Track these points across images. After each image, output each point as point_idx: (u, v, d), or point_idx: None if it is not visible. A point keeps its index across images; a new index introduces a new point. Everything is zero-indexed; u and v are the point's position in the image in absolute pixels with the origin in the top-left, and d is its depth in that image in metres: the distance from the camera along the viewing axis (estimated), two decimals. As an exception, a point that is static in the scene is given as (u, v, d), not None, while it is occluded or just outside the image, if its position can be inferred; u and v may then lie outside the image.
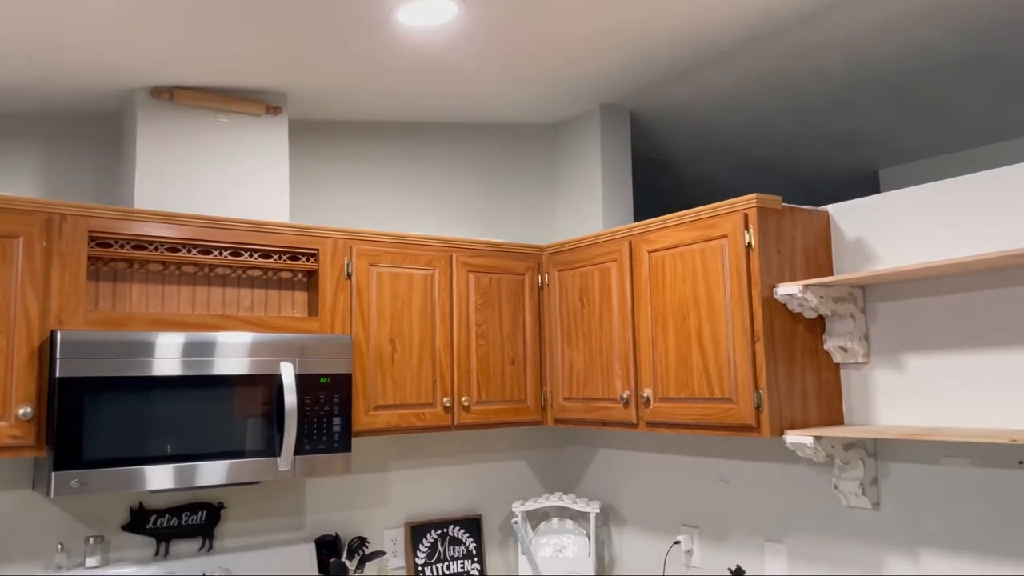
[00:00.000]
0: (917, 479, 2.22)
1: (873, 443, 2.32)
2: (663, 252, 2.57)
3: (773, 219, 2.34)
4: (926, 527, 2.19)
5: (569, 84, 3.11)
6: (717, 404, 2.36)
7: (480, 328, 2.90)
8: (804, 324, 2.37)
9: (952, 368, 2.16)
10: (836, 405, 2.40)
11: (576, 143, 3.51)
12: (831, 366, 2.41)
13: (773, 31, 2.71)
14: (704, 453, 2.84)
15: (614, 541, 3.19)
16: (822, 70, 3.04)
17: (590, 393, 2.82)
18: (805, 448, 2.21)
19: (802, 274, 2.39)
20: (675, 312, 2.51)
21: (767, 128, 3.70)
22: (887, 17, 2.62)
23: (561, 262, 2.99)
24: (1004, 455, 2.04)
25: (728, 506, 2.74)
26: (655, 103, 3.39)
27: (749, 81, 3.15)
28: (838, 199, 2.56)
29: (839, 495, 2.36)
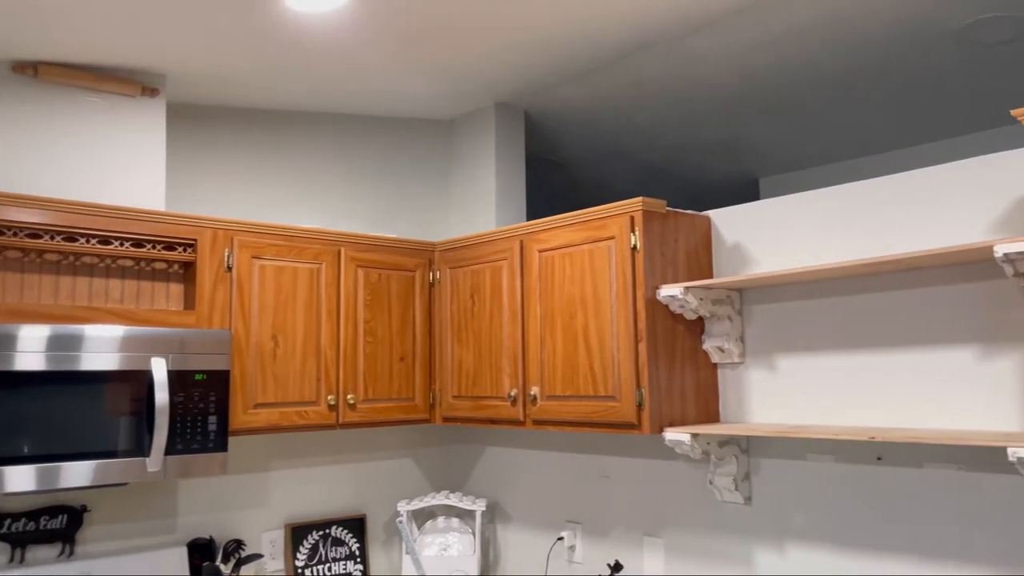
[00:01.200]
0: (786, 475, 2.33)
1: (746, 440, 2.42)
2: (553, 252, 2.59)
3: (658, 222, 2.40)
4: (793, 520, 2.30)
5: (464, 80, 3.10)
6: (601, 402, 2.40)
7: (368, 325, 2.85)
8: (685, 325, 2.44)
9: (819, 368, 2.27)
10: (713, 403, 2.49)
11: (470, 140, 3.50)
12: (709, 366, 2.49)
13: (663, 39, 2.78)
14: (588, 450, 2.89)
15: (500, 538, 3.20)
16: (709, 80, 3.15)
17: (479, 391, 2.82)
18: (683, 445, 2.27)
19: (684, 276, 2.46)
20: (563, 311, 2.53)
21: (657, 133, 3.80)
22: (770, 32, 2.74)
23: (453, 259, 2.98)
24: (864, 452, 2.17)
25: (610, 502, 2.80)
26: (550, 103, 3.42)
27: (640, 86, 3.22)
28: (722, 205, 2.66)
29: (714, 490, 2.45)
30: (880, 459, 2.14)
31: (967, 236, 2.01)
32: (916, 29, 2.70)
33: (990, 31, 2.68)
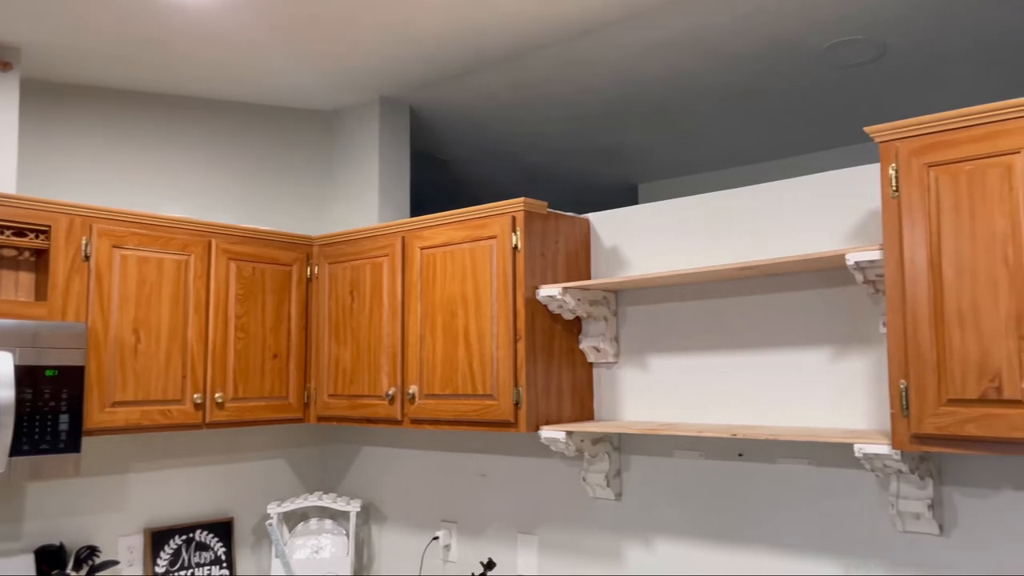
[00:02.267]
0: (655, 471, 2.40)
1: (618, 437, 2.48)
2: (435, 250, 2.57)
3: (539, 223, 2.42)
4: (661, 515, 2.38)
5: (348, 72, 3.03)
6: (479, 401, 2.40)
7: (240, 320, 2.74)
8: (563, 324, 2.48)
9: (687, 368, 2.36)
10: (588, 402, 2.54)
11: (354, 133, 3.43)
12: (585, 365, 2.54)
13: (547, 42, 2.82)
14: (465, 449, 2.89)
15: (374, 539, 3.15)
16: (593, 85, 3.21)
17: (356, 390, 2.76)
18: (558, 443, 2.31)
19: (563, 277, 2.50)
20: (444, 310, 2.52)
21: (542, 136, 3.85)
22: (650, 41, 2.82)
23: (332, 255, 2.90)
24: (727, 448, 2.27)
25: (486, 500, 2.81)
26: (436, 100, 3.40)
27: (526, 88, 3.25)
28: (602, 209, 2.71)
29: (587, 487, 2.50)
30: (741, 455, 2.24)
31: (824, 245, 2.14)
32: (783, 48, 2.85)
33: (849, 53, 2.86)
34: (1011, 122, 1.57)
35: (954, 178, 1.63)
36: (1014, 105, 1.56)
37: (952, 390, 1.60)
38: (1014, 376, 1.53)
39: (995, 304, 1.56)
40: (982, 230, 1.59)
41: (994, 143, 1.58)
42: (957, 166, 1.63)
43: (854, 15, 2.60)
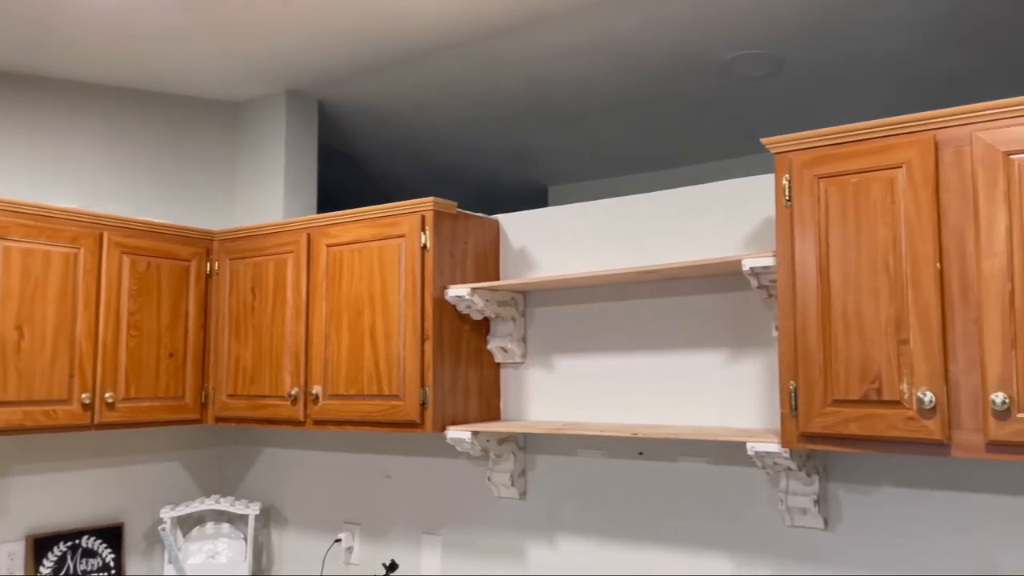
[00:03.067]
0: (558, 470, 2.44)
1: (523, 437, 2.50)
2: (342, 247, 2.53)
3: (448, 223, 2.42)
4: (564, 514, 2.42)
5: (254, 63, 2.95)
6: (385, 401, 2.38)
7: (133, 317, 2.62)
8: (471, 325, 2.48)
9: (592, 369, 2.40)
10: (495, 402, 2.55)
11: (259, 126, 3.34)
12: (493, 365, 2.56)
13: (457, 42, 2.82)
14: (371, 450, 2.86)
15: (274, 543, 3.07)
16: (504, 87, 3.23)
17: (257, 390, 2.69)
18: (464, 443, 2.31)
19: (472, 277, 2.50)
20: (350, 308, 2.48)
21: (453, 136, 3.85)
22: (558, 46, 2.86)
23: (234, 250, 2.82)
24: (628, 447, 2.32)
25: (390, 501, 2.78)
26: (346, 96, 3.35)
27: (437, 87, 3.24)
28: (513, 210, 2.73)
29: (492, 487, 2.51)
30: (642, 454, 2.30)
31: (722, 251, 2.22)
32: (687, 59, 2.94)
33: (749, 66, 2.98)
34: (894, 138, 1.67)
35: (842, 190, 1.72)
36: (897, 122, 1.66)
37: (837, 391, 1.69)
38: (893, 378, 1.63)
39: (877, 310, 1.66)
40: (866, 240, 1.68)
41: (878, 158, 1.68)
42: (845, 178, 1.72)
43: (753, 29, 2.71)
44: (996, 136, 1.56)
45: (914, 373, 1.60)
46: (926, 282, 1.60)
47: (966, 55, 2.85)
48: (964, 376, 1.56)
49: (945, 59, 2.89)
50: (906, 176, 1.64)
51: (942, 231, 1.61)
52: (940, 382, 1.57)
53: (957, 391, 1.57)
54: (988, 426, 1.52)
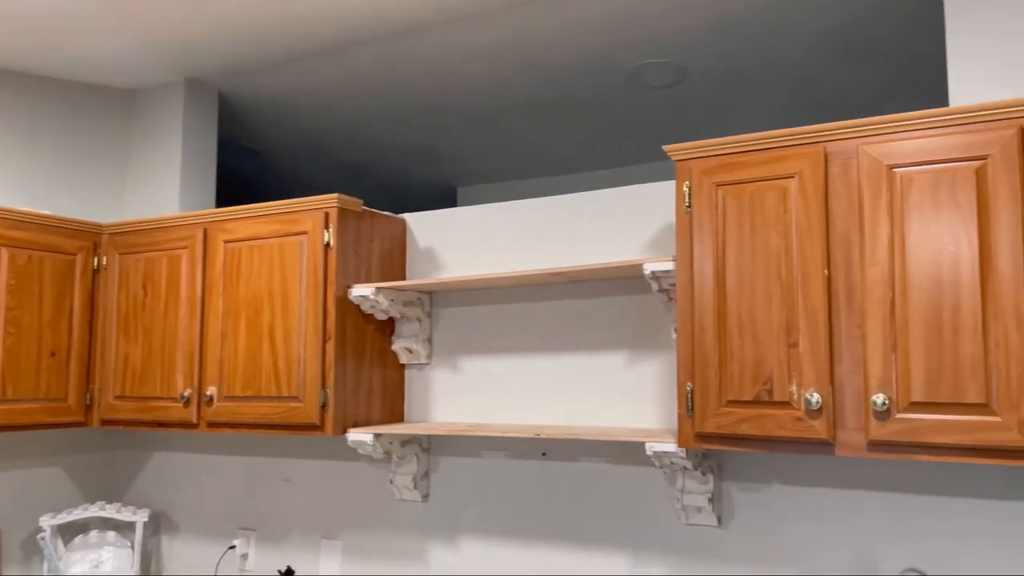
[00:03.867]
0: (462, 472, 2.43)
1: (427, 439, 2.48)
2: (241, 243, 2.45)
3: (353, 221, 2.37)
4: (467, 516, 2.41)
5: (151, 48, 2.82)
6: (284, 403, 2.31)
7: (12, 313, 2.46)
8: (375, 325, 2.44)
9: (497, 370, 2.40)
10: (399, 403, 2.52)
11: (155, 115, 3.20)
12: (397, 366, 2.52)
13: (366, 38, 2.77)
14: (269, 453, 2.77)
15: (164, 551, 2.94)
16: (411, 85, 3.20)
17: (147, 391, 2.57)
18: (365, 445, 2.27)
19: (377, 277, 2.46)
20: (249, 307, 2.40)
21: (360, 132, 3.78)
22: (469, 46, 2.85)
23: (124, 244, 2.68)
24: (531, 448, 2.33)
25: (289, 506, 2.71)
26: (250, 87, 3.24)
27: (345, 83, 3.18)
28: (422, 210, 2.70)
29: (394, 489, 2.48)
30: (545, 455, 2.31)
31: (626, 254, 2.26)
32: (595, 64, 2.98)
33: (656, 74, 3.05)
34: (787, 149, 1.73)
35: (738, 198, 1.77)
36: (790, 134, 1.73)
37: (731, 392, 1.74)
38: (783, 380, 1.69)
39: (769, 314, 1.72)
40: (760, 247, 1.74)
41: (772, 168, 1.74)
42: (741, 187, 1.77)
43: (660, 39, 2.77)
44: (881, 150, 1.64)
45: (803, 375, 1.67)
46: (815, 288, 1.67)
47: (860, 70, 3.00)
48: (848, 378, 1.64)
49: (840, 73, 3.04)
50: (798, 186, 1.71)
51: (830, 239, 1.68)
52: (826, 384, 1.64)
53: (842, 393, 1.64)
54: (869, 426, 1.60)
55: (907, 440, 1.56)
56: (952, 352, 1.53)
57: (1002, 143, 1.53)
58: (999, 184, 1.53)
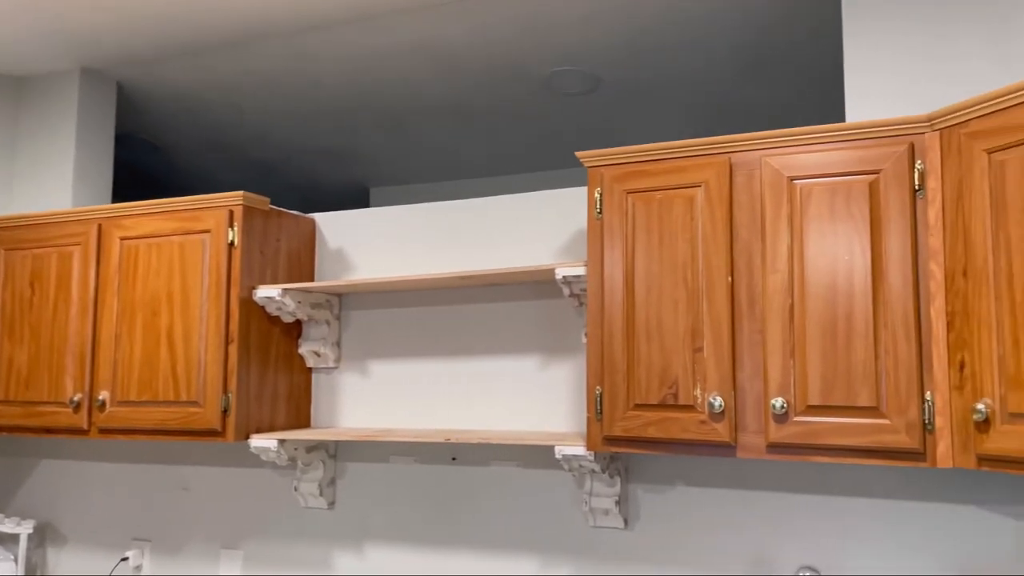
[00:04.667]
0: (370, 478, 2.38)
1: (334, 445, 2.42)
2: (138, 241, 2.34)
3: (259, 220, 2.30)
4: (374, 522, 2.36)
5: (44, 34, 2.66)
6: (182, 408, 2.21)
7: None
8: (281, 328, 2.37)
9: (407, 374, 2.37)
10: (305, 408, 2.45)
11: (47, 105, 3.02)
12: (304, 370, 2.46)
13: (275, 32, 2.70)
14: (166, 460, 2.65)
15: (50, 564, 2.78)
16: (322, 83, 3.13)
17: (33, 395, 2.42)
18: (269, 452, 2.20)
19: (284, 278, 2.40)
20: (146, 307, 2.30)
21: (270, 129, 3.68)
22: (381, 46, 2.81)
23: (11, 240, 2.52)
24: (441, 453, 2.31)
25: (187, 515, 2.60)
26: (151, 79, 3.10)
27: (252, 78, 3.09)
28: (334, 211, 2.64)
29: (299, 497, 2.41)
30: (455, 459, 2.29)
31: (539, 259, 2.27)
32: (509, 70, 2.99)
33: (568, 82, 3.08)
34: (695, 159, 1.77)
35: (647, 205, 1.80)
36: (697, 144, 1.77)
37: (638, 396, 1.77)
38: (688, 384, 1.73)
39: (676, 320, 1.75)
40: (668, 254, 1.77)
41: (680, 176, 1.78)
42: (650, 194, 1.81)
43: (573, 46, 2.80)
44: (782, 162, 1.70)
45: (707, 379, 1.71)
46: (719, 295, 1.72)
47: (766, 84, 3.10)
48: (750, 382, 1.69)
49: (748, 86, 3.14)
50: (704, 195, 1.75)
51: (734, 248, 1.73)
52: (729, 388, 1.69)
53: (743, 396, 1.69)
54: (769, 429, 1.65)
55: (804, 442, 1.62)
56: (846, 357, 1.60)
57: (894, 159, 1.61)
58: (890, 198, 1.60)
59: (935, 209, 1.58)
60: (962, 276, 1.51)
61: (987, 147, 1.47)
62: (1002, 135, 1.44)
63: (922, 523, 1.83)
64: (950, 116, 1.55)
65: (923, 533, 1.82)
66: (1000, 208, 1.45)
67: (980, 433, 1.46)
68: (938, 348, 1.55)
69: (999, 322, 1.44)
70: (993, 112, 1.47)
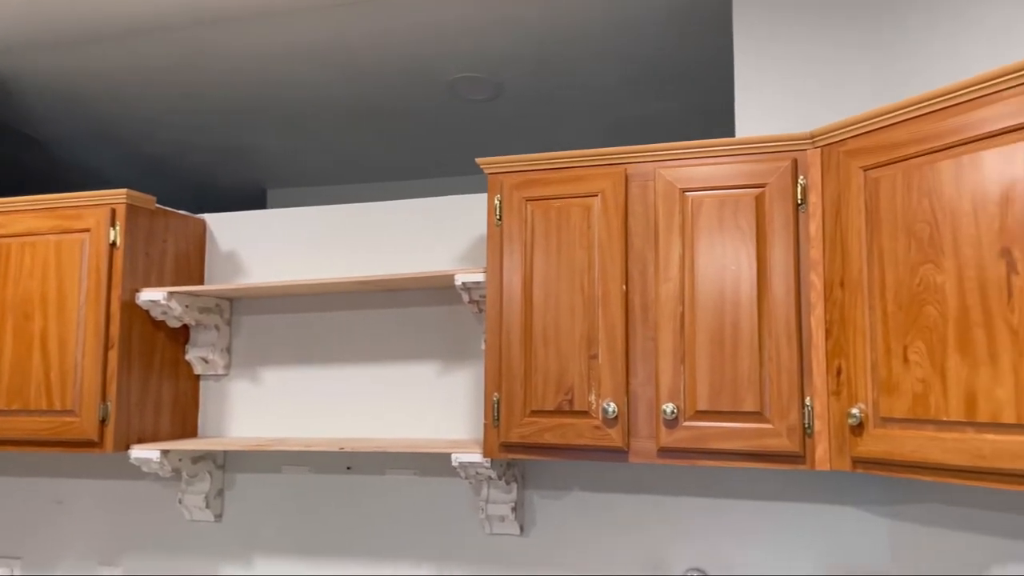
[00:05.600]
0: (260, 489, 2.30)
1: (223, 455, 2.33)
2: (10, 239, 2.19)
3: (145, 219, 2.19)
4: (264, 535, 2.28)
5: (-98, 13, 2.46)
6: (57, 417, 2.08)
7: None
8: (167, 333, 2.27)
9: (303, 381, 2.31)
10: (192, 417, 2.35)
11: (-92, 90, 2.80)
12: (191, 377, 2.36)
13: (167, 25, 2.59)
14: (37, 473, 2.49)
15: (-96, 589, 2.56)
16: (217, 79, 3.02)
17: None
18: (151, 463, 2.09)
19: (171, 280, 2.29)
20: (17, 310, 2.15)
21: (161, 125, 3.52)
22: (279, 43, 2.74)
23: None
24: (335, 462, 2.26)
25: (62, 531, 2.44)
26: (29, 69, 2.92)
27: (144, 71, 2.95)
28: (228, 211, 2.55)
29: (183, 510, 2.30)
30: (350, 468, 2.24)
31: (439, 265, 2.25)
32: (412, 74, 2.97)
33: (471, 88, 3.08)
34: (592, 169, 1.80)
35: (546, 213, 1.82)
36: (594, 154, 1.80)
37: (535, 402, 1.78)
38: (584, 390, 1.75)
39: (572, 327, 1.77)
40: (565, 262, 1.79)
41: (578, 186, 1.80)
42: (548, 202, 1.82)
43: (475, 54, 2.80)
44: (675, 174, 1.74)
45: (601, 385, 1.73)
46: (614, 302, 1.75)
47: (662, 97, 3.19)
48: (642, 388, 1.72)
49: (646, 99, 3.22)
50: (601, 204, 1.78)
51: (629, 256, 1.76)
52: (622, 394, 1.72)
53: (636, 402, 1.72)
54: (660, 434, 1.69)
55: (693, 447, 1.66)
56: (732, 364, 1.65)
57: (778, 173, 1.68)
58: (775, 211, 1.67)
59: (816, 222, 1.65)
60: (840, 287, 1.59)
61: (863, 164, 1.55)
62: (877, 154, 1.53)
63: (803, 523, 1.91)
64: (830, 134, 1.63)
65: (804, 533, 1.90)
66: (874, 223, 1.53)
67: (855, 436, 1.53)
68: (817, 355, 1.62)
69: (872, 330, 1.51)
70: (868, 132, 1.55)
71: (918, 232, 1.44)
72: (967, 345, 1.35)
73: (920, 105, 1.45)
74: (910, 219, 1.45)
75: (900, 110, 1.48)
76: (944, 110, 1.42)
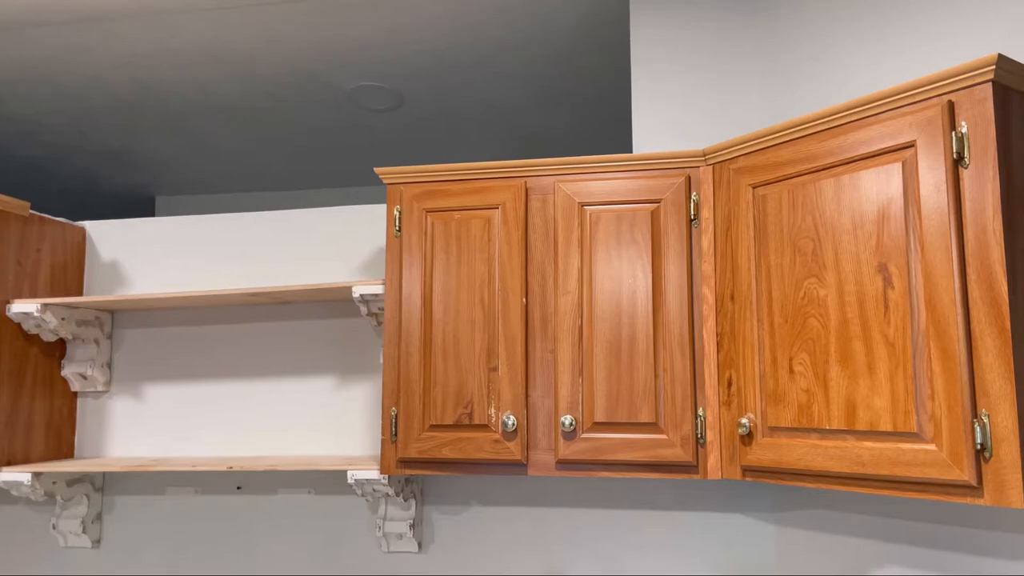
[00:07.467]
0: (142, 511, 2.18)
1: (101, 477, 2.20)
2: None
3: (16, 226, 2.05)
4: (147, 560, 2.16)
5: None
6: (-89, 440, 1.91)
7: None
8: (41, 347, 2.12)
9: (190, 398, 2.20)
10: (68, 437, 2.21)
11: None
12: (68, 394, 2.21)
13: (44, 20, 2.44)
14: None
15: None
16: (100, 79, 2.87)
17: None
18: (22, 486, 1.95)
19: (46, 292, 2.15)
20: None
21: (38, 127, 3.31)
22: (167, 45, 2.63)
23: None
24: (224, 481, 2.16)
25: (-84, 565, 2.24)
26: None
27: (17, 68, 2.77)
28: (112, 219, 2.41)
29: (57, 536, 2.15)
30: (240, 488, 2.15)
31: (337, 276, 2.20)
32: (310, 81, 2.90)
33: (372, 98, 3.04)
34: (493, 181, 1.80)
35: (446, 225, 1.80)
36: (495, 167, 1.80)
37: (434, 416, 1.75)
38: (483, 403, 1.73)
39: (472, 339, 1.76)
40: (466, 274, 1.78)
41: (479, 197, 1.80)
42: (449, 214, 1.81)
43: (375, 63, 2.77)
44: (574, 188, 1.76)
45: (501, 398, 1.73)
46: (514, 315, 1.74)
47: (562, 112, 3.23)
48: (541, 401, 1.72)
49: (545, 114, 3.25)
50: (501, 217, 1.78)
51: (528, 269, 1.77)
52: (521, 406, 1.71)
53: (535, 415, 1.72)
54: (558, 446, 1.69)
55: (591, 458, 1.67)
56: (629, 376, 1.68)
57: (672, 189, 1.72)
58: (669, 225, 1.71)
59: (708, 238, 1.70)
60: (730, 300, 1.64)
61: (752, 182, 1.61)
62: (764, 172, 1.59)
63: (696, 531, 1.95)
64: (721, 152, 1.68)
65: (697, 540, 1.95)
66: (762, 238, 1.59)
67: (744, 446, 1.58)
68: (710, 367, 1.66)
69: (760, 342, 1.57)
70: (756, 151, 1.61)
71: (802, 248, 1.50)
72: (847, 357, 1.41)
73: (804, 126, 1.52)
74: (795, 235, 1.52)
75: (785, 130, 1.55)
76: (825, 131, 1.49)
